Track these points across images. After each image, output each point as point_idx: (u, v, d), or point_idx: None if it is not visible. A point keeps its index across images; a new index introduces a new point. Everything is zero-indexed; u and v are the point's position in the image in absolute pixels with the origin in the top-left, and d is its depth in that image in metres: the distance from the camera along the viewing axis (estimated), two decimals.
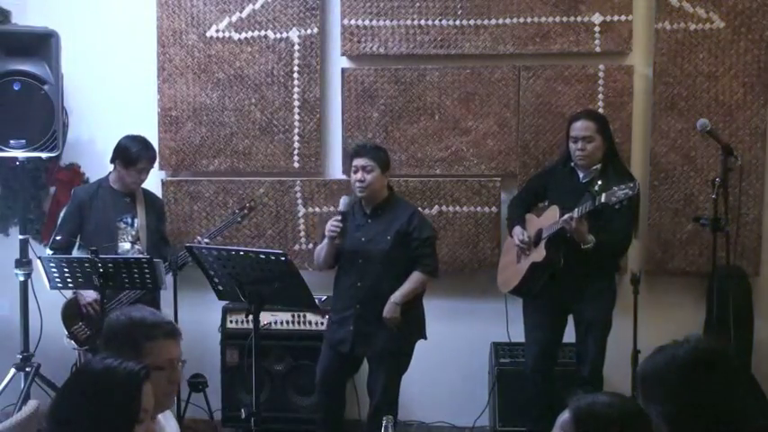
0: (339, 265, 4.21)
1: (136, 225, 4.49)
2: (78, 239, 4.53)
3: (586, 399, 1.99)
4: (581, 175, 4.20)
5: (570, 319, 4.32)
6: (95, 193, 4.54)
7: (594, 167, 4.16)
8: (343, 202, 4.13)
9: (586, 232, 3.96)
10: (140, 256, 4.29)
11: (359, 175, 4.08)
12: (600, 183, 3.95)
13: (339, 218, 4.08)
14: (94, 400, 1.98)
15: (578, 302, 4.19)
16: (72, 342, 4.43)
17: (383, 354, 4.13)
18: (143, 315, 2.43)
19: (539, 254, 4.14)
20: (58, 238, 4.50)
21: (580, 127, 4.16)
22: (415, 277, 4.10)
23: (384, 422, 2.66)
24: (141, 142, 4.47)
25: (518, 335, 4.63)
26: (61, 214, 4.74)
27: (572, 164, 4.24)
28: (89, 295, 4.35)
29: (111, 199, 4.50)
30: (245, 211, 4.65)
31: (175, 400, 4.11)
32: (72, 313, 4.44)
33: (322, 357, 4.25)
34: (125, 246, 4.45)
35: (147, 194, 4.66)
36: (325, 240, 4.14)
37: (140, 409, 2.04)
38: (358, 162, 4.10)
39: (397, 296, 4.05)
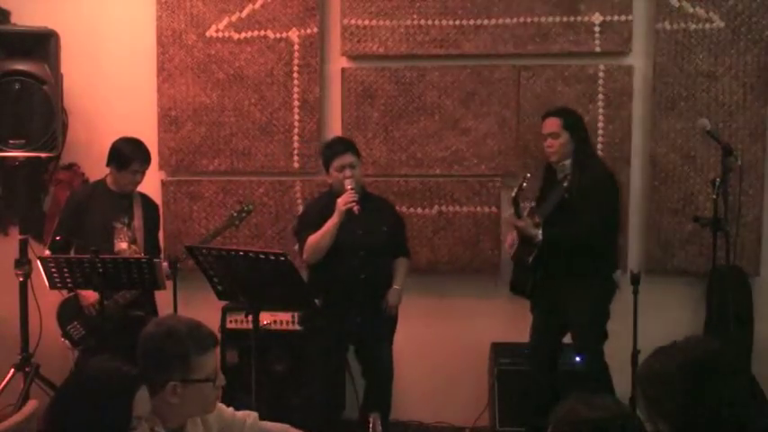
0: (326, 258, 4.13)
1: (133, 226, 4.46)
2: (76, 240, 4.49)
3: (569, 403, 1.98)
4: (558, 171, 4.28)
5: None
6: (93, 194, 4.51)
7: (563, 163, 4.22)
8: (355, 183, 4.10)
9: (529, 229, 4.12)
10: (140, 256, 4.26)
11: (347, 173, 4.09)
12: (570, 179, 4.10)
13: (354, 190, 4.05)
14: (88, 403, 1.97)
15: (564, 304, 4.21)
16: (66, 342, 4.42)
17: (383, 337, 4.27)
18: (187, 328, 2.39)
19: (513, 250, 4.34)
20: (57, 238, 4.48)
21: (546, 124, 4.28)
22: (405, 263, 4.36)
23: (371, 420, 2.66)
24: (134, 144, 4.42)
25: (519, 335, 4.63)
26: (59, 216, 4.73)
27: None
28: (92, 296, 4.29)
29: (109, 200, 4.46)
30: (244, 214, 4.55)
31: None
32: (67, 313, 4.43)
33: (330, 350, 4.24)
34: (122, 245, 4.42)
35: (145, 199, 4.60)
36: (335, 220, 4.04)
37: (131, 416, 2.02)
38: (345, 160, 4.12)
39: (399, 283, 4.26)
